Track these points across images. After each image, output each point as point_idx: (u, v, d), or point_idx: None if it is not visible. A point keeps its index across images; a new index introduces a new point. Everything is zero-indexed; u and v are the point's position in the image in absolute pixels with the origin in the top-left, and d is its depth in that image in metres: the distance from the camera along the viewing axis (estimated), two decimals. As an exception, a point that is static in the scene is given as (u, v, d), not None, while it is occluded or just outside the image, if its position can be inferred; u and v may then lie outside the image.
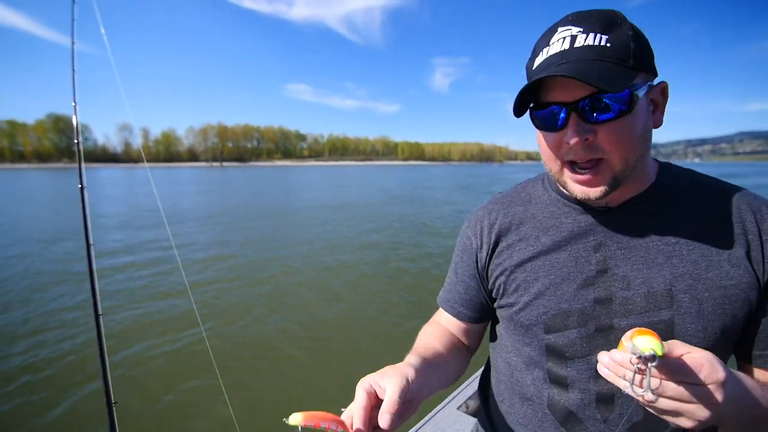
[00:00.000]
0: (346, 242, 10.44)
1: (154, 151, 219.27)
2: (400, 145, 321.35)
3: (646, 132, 0.62)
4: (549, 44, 0.60)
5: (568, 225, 0.72)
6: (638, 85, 0.58)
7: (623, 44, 0.56)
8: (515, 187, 0.85)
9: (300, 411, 0.52)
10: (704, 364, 0.46)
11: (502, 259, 0.77)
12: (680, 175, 0.70)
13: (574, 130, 0.59)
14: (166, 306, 5.78)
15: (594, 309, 0.67)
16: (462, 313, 0.87)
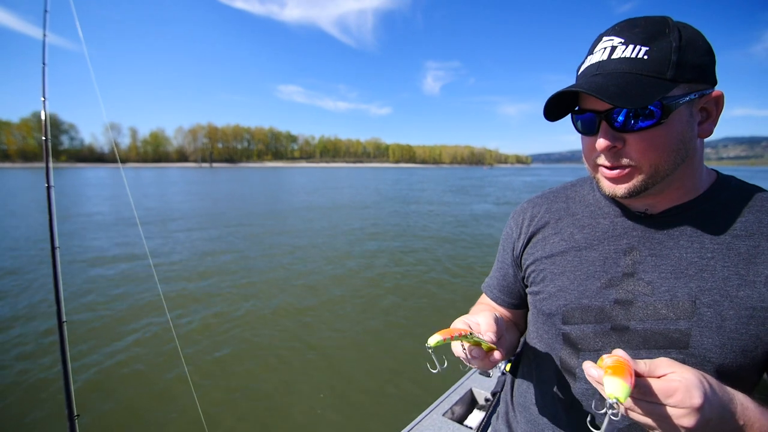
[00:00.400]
0: (333, 245, 10.36)
1: (143, 152, 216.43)
2: (392, 147, 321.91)
3: (685, 142, 0.61)
4: (593, 52, 0.62)
5: (605, 226, 0.73)
6: (677, 95, 0.58)
7: (663, 56, 0.56)
8: (565, 184, 0.87)
9: (435, 333, 0.58)
10: (679, 389, 0.47)
11: (535, 249, 0.81)
12: (738, 190, 0.68)
13: (603, 137, 0.61)
14: (136, 309, 5.62)
15: (613, 309, 0.68)
16: (500, 298, 0.93)
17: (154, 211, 16.27)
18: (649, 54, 0.57)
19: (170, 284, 6.74)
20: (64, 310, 1.53)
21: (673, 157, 0.61)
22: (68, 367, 1.47)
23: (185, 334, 4.85)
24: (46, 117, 1.90)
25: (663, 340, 0.64)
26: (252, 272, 7.68)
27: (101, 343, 4.55)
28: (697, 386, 0.47)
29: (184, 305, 5.81)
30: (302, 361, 4.29)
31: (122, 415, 3.37)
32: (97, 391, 3.67)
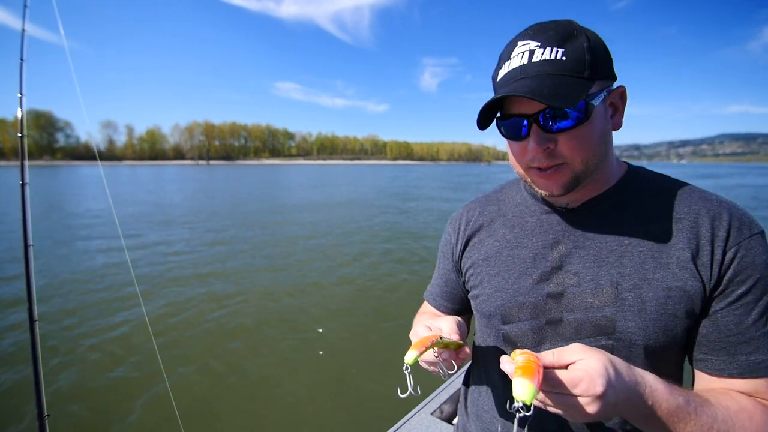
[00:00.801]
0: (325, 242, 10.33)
1: (139, 149, 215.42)
2: (389, 144, 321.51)
3: (605, 136, 0.66)
4: (510, 57, 0.64)
5: (532, 223, 0.77)
6: (594, 93, 0.61)
7: (578, 56, 0.59)
8: (497, 187, 0.90)
9: (409, 349, 0.57)
10: (583, 379, 0.49)
11: (472, 252, 0.83)
12: (647, 179, 0.73)
13: (535, 140, 0.62)
14: (113, 311, 5.52)
15: (546, 303, 0.71)
16: (443, 305, 0.93)
17: (144, 209, 16.20)
18: (566, 55, 0.59)
19: (149, 288, 6.68)
20: (36, 308, 1.51)
21: (599, 151, 0.65)
22: (39, 366, 1.46)
23: (163, 330, 4.84)
24: (22, 114, 1.87)
25: (592, 329, 0.66)
26: (235, 268, 7.66)
27: (74, 343, 4.52)
28: (601, 374, 0.49)
29: (159, 297, 5.79)
30: (289, 358, 4.27)
31: (94, 413, 3.32)
32: (68, 389, 3.64)
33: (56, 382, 3.72)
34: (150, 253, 8.84)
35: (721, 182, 40.60)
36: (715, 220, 0.64)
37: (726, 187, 33.06)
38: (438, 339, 0.60)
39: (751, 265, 0.61)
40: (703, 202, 0.67)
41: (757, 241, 0.63)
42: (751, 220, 0.64)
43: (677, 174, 0.74)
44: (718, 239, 0.63)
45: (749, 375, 0.61)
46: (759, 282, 0.61)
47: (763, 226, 0.64)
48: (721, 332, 0.62)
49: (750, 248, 0.62)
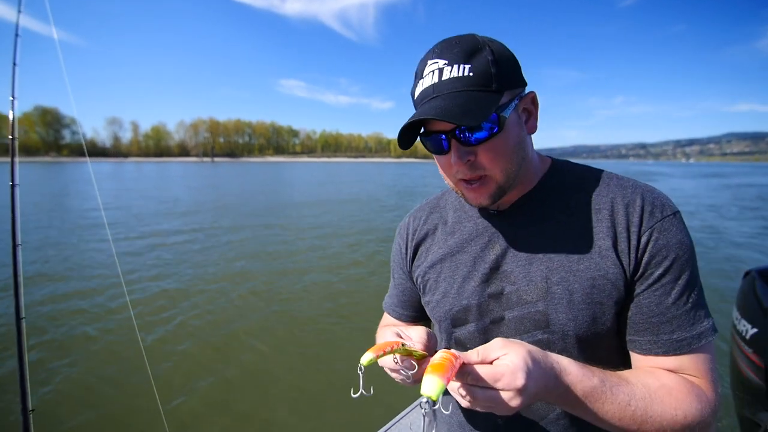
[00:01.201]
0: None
1: (144, 146, 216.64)
2: (393, 142, 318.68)
3: (521, 142, 0.68)
4: (423, 76, 0.66)
5: (469, 228, 0.80)
6: (504, 104, 0.64)
7: (485, 70, 0.62)
8: (439, 193, 0.93)
9: (367, 351, 0.56)
10: (505, 373, 0.51)
11: (420, 261, 0.86)
12: (568, 173, 0.76)
13: (456, 154, 0.65)
14: (99, 305, 5.58)
15: (489, 303, 0.74)
16: (402, 314, 0.94)
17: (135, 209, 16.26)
18: (473, 70, 0.61)
19: (136, 284, 6.78)
20: (23, 306, 1.57)
21: (516, 158, 0.68)
22: (25, 362, 1.51)
23: (145, 325, 4.91)
24: (13, 117, 1.93)
25: (529, 324, 0.69)
26: (223, 266, 7.75)
27: (61, 340, 4.57)
28: (521, 368, 0.51)
29: (145, 288, 5.93)
30: (279, 356, 4.33)
31: (78, 408, 3.36)
32: (54, 384, 3.68)
33: (42, 377, 3.76)
34: (147, 250, 8.91)
35: (725, 181, 40.16)
36: (629, 206, 0.66)
37: (731, 186, 32.75)
38: (399, 346, 0.60)
39: (665, 246, 0.63)
40: (619, 189, 0.69)
41: (670, 222, 0.65)
42: (664, 202, 0.66)
43: (682, 173, 0.75)
44: (633, 225, 0.65)
45: (673, 353, 0.63)
46: (675, 262, 0.63)
47: (678, 206, 0.66)
48: (644, 314, 0.65)
49: (663, 230, 0.64)
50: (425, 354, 0.64)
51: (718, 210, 16.12)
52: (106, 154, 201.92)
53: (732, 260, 8.01)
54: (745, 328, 1.76)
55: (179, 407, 3.36)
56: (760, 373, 1.63)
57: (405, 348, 0.61)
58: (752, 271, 1.86)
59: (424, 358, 0.64)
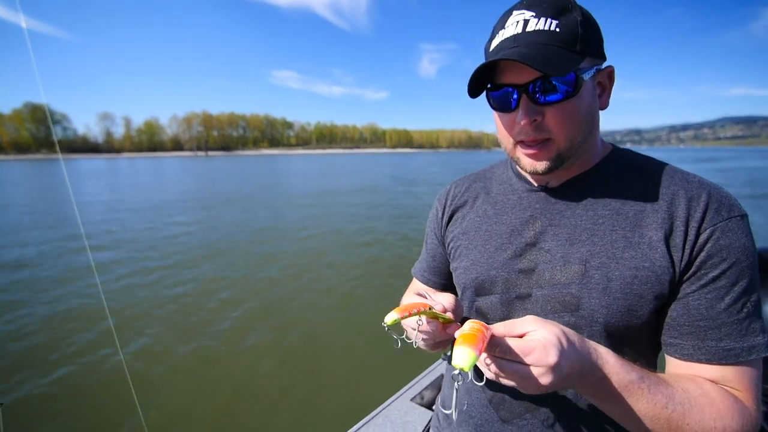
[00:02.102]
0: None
1: (137, 141, 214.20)
2: (388, 132, 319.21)
3: (592, 113, 0.66)
4: (504, 27, 0.63)
5: (513, 201, 0.78)
6: (584, 68, 0.61)
7: (572, 29, 0.60)
8: (486, 167, 0.92)
9: (392, 311, 0.56)
10: (536, 348, 0.48)
11: (455, 226, 0.85)
12: (629, 160, 0.73)
13: (524, 111, 0.62)
14: (70, 297, 5.59)
15: (517, 278, 0.71)
16: (431, 280, 0.93)
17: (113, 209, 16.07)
18: (560, 27, 0.60)
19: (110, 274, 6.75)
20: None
21: (584, 128, 0.65)
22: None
23: (125, 323, 4.91)
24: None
25: (558, 305, 0.67)
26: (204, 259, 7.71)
27: (32, 328, 4.60)
28: (554, 344, 0.49)
29: (121, 281, 5.88)
30: (271, 344, 4.35)
31: (49, 397, 3.38)
32: (22, 371, 3.70)
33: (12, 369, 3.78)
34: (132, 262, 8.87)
35: (719, 165, 40.44)
36: (692, 200, 0.62)
37: (724, 169, 32.93)
38: (427, 308, 0.58)
39: (727, 247, 0.59)
40: (683, 183, 0.66)
41: (736, 223, 0.60)
42: (733, 202, 0.62)
43: (676, 158, 0.72)
44: (694, 220, 0.61)
45: (717, 362, 0.59)
46: (734, 266, 0.59)
47: (746, 210, 0.62)
48: (691, 316, 0.61)
49: (727, 230, 0.60)
50: (452, 320, 0.63)
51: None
52: (98, 150, 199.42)
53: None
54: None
55: (159, 407, 3.35)
56: None
57: (432, 311, 0.59)
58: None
59: (450, 324, 0.63)
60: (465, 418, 0.80)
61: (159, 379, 3.68)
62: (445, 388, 0.92)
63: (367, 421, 1.92)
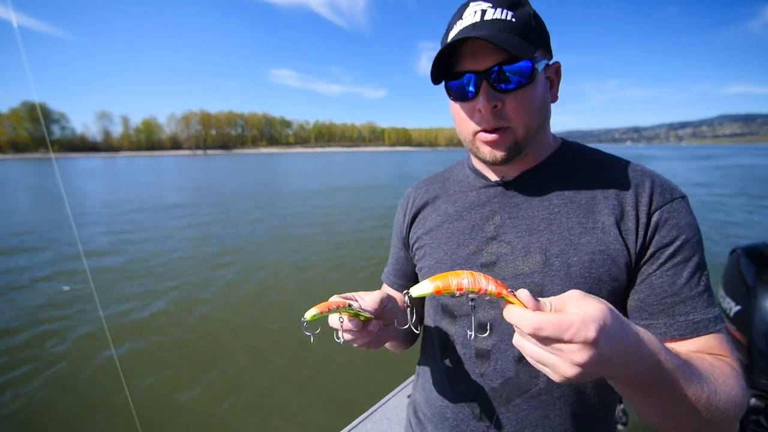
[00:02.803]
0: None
1: (135, 140, 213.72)
2: (387, 131, 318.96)
3: (545, 104, 0.69)
4: (462, 17, 0.66)
5: (472, 197, 0.80)
6: (538, 58, 0.65)
7: (526, 21, 0.64)
8: (443, 169, 0.94)
9: (312, 307, 0.58)
10: (574, 322, 0.42)
11: (417, 228, 0.87)
12: (578, 152, 0.77)
13: (485, 97, 0.63)
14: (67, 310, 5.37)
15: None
16: (396, 283, 0.95)
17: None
18: (515, 17, 0.63)
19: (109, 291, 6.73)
20: None
21: (539, 117, 0.68)
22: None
23: (118, 326, 4.91)
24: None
25: None
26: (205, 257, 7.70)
27: (25, 330, 4.56)
28: (596, 319, 0.42)
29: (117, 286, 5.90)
30: (268, 340, 4.36)
31: (35, 402, 3.32)
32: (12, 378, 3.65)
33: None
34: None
35: (714, 162, 40.58)
36: (638, 187, 0.67)
37: (722, 167, 33.02)
38: (346, 306, 0.60)
39: (677, 226, 0.63)
40: (629, 171, 0.70)
41: (680, 204, 0.65)
42: (673, 185, 0.68)
43: (676, 156, 0.74)
44: (642, 204, 0.65)
45: (690, 335, 0.61)
46: (687, 243, 0.63)
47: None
48: (657, 294, 0.63)
49: (673, 210, 0.64)
50: (371, 317, 0.64)
51: (708, 188, 16.25)
52: (96, 149, 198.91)
53: (726, 237, 8.11)
54: (729, 306, 1.80)
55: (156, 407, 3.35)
56: (743, 350, 1.67)
57: (353, 309, 0.61)
58: (738, 249, 1.89)
59: (369, 321, 0.64)
60: (440, 419, 0.81)
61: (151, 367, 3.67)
62: (419, 385, 0.93)
63: (365, 418, 1.94)
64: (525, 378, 0.70)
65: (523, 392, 0.70)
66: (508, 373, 0.71)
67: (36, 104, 2.31)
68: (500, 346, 0.71)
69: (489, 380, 0.73)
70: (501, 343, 0.71)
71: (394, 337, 0.81)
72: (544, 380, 0.69)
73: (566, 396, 0.69)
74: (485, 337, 0.72)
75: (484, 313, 0.72)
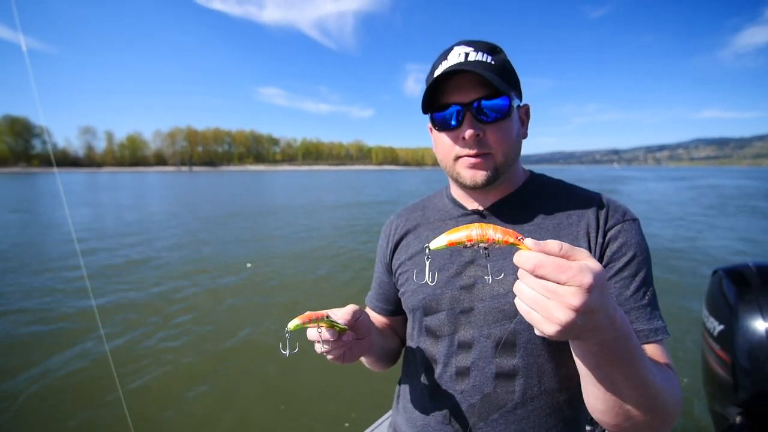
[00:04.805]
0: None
1: (119, 156, 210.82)
2: (374, 150, 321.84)
3: (519, 137, 0.78)
4: (447, 59, 0.75)
5: (450, 225, 0.86)
6: (514, 96, 0.74)
7: (503, 65, 0.75)
8: (423, 198, 1.01)
9: (295, 318, 0.62)
10: (573, 267, 0.44)
11: (400, 254, 0.93)
12: (545, 183, 0.86)
13: (469, 125, 0.72)
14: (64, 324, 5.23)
15: (460, 294, 0.79)
16: (378, 306, 1.01)
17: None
18: (494, 61, 0.74)
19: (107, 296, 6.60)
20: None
21: (515, 149, 0.77)
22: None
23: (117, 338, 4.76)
24: None
25: (498, 314, 0.74)
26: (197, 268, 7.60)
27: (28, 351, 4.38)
28: (593, 271, 0.44)
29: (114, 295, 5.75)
30: (271, 355, 4.28)
31: (39, 411, 3.29)
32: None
33: None
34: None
35: (689, 183, 42.02)
36: (597, 210, 0.76)
37: (697, 186, 34.13)
38: (325, 317, 0.65)
39: (626, 244, 0.71)
40: (586, 198, 0.79)
41: (631, 225, 0.73)
42: (626, 209, 0.77)
43: (654, 177, 0.77)
44: (600, 224, 0.74)
45: None
46: (634, 259, 0.70)
47: (637, 215, 0.74)
48: None
49: (624, 230, 0.72)
50: (345, 328, 0.68)
51: (684, 207, 16.68)
52: (78, 164, 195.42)
53: (704, 258, 8.27)
54: (713, 326, 1.83)
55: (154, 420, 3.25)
56: (726, 368, 1.69)
57: (329, 320, 0.65)
58: (719, 270, 1.93)
59: (343, 332, 0.68)
60: None
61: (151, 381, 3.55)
62: (400, 406, 0.95)
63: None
64: (501, 393, 0.74)
65: (499, 407, 0.74)
66: (485, 389, 0.75)
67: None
68: (479, 363, 0.75)
69: (468, 396, 0.76)
70: (479, 361, 0.75)
71: (369, 352, 0.84)
72: (519, 394, 0.73)
73: (540, 409, 0.74)
74: (464, 356, 0.77)
75: (464, 332, 0.77)
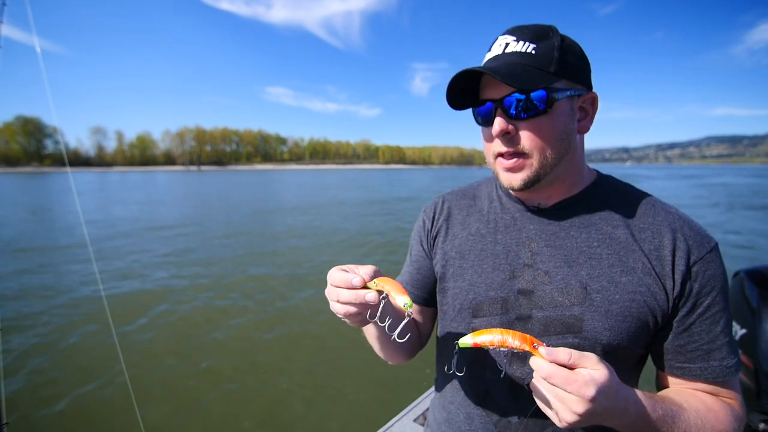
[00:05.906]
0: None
1: (129, 155, 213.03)
2: (381, 149, 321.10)
3: (568, 134, 0.69)
4: (490, 50, 0.71)
5: (507, 220, 0.79)
6: (559, 89, 0.66)
7: (548, 53, 0.65)
8: (472, 183, 0.93)
9: (399, 294, 0.58)
10: (578, 380, 0.52)
11: (445, 242, 0.85)
12: (615, 187, 0.78)
13: (498, 122, 0.66)
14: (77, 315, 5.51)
15: (517, 299, 0.73)
16: (413, 293, 0.91)
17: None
18: (536, 50, 0.65)
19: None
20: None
21: (557, 146, 0.68)
22: (0, 375, 1.44)
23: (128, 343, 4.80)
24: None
25: (560, 326, 0.69)
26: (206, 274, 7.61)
27: (40, 350, 4.48)
28: (599, 383, 0.52)
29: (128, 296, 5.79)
30: (273, 363, 4.29)
31: (56, 421, 3.28)
32: (30, 397, 3.59)
33: (16, 390, 3.67)
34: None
35: (701, 181, 41.64)
36: (676, 232, 0.68)
37: (708, 185, 33.76)
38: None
39: (713, 277, 0.66)
40: (665, 214, 0.71)
41: (715, 254, 0.68)
42: (707, 234, 0.70)
43: (663, 175, 0.78)
44: (680, 251, 0.67)
45: (722, 377, 0.67)
46: (720, 293, 0.67)
47: (716, 239, 0.70)
48: (696, 342, 0.67)
49: (710, 262, 0.67)
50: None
51: (693, 209, 16.47)
52: (89, 164, 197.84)
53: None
54: (734, 330, 1.78)
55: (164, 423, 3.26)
56: (750, 374, 1.64)
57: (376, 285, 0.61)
58: (740, 272, 1.88)
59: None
60: None
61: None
62: (438, 404, 0.91)
63: None
64: (541, 421, 0.72)
65: (548, 426, 0.72)
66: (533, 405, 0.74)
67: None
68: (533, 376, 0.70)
69: (522, 410, 0.73)
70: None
71: (382, 335, 0.79)
72: None
73: None
74: (518, 367, 0.73)
75: None
